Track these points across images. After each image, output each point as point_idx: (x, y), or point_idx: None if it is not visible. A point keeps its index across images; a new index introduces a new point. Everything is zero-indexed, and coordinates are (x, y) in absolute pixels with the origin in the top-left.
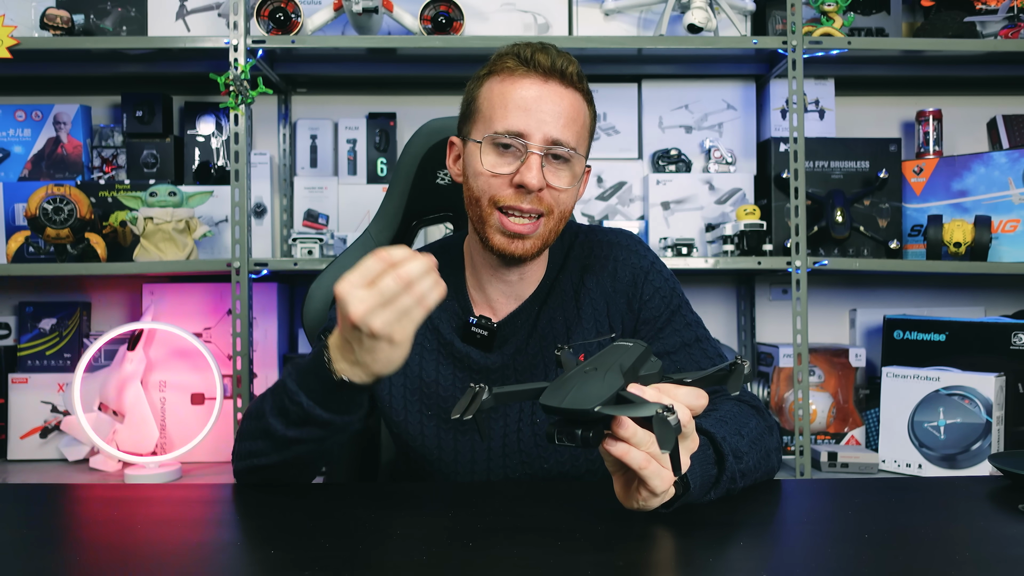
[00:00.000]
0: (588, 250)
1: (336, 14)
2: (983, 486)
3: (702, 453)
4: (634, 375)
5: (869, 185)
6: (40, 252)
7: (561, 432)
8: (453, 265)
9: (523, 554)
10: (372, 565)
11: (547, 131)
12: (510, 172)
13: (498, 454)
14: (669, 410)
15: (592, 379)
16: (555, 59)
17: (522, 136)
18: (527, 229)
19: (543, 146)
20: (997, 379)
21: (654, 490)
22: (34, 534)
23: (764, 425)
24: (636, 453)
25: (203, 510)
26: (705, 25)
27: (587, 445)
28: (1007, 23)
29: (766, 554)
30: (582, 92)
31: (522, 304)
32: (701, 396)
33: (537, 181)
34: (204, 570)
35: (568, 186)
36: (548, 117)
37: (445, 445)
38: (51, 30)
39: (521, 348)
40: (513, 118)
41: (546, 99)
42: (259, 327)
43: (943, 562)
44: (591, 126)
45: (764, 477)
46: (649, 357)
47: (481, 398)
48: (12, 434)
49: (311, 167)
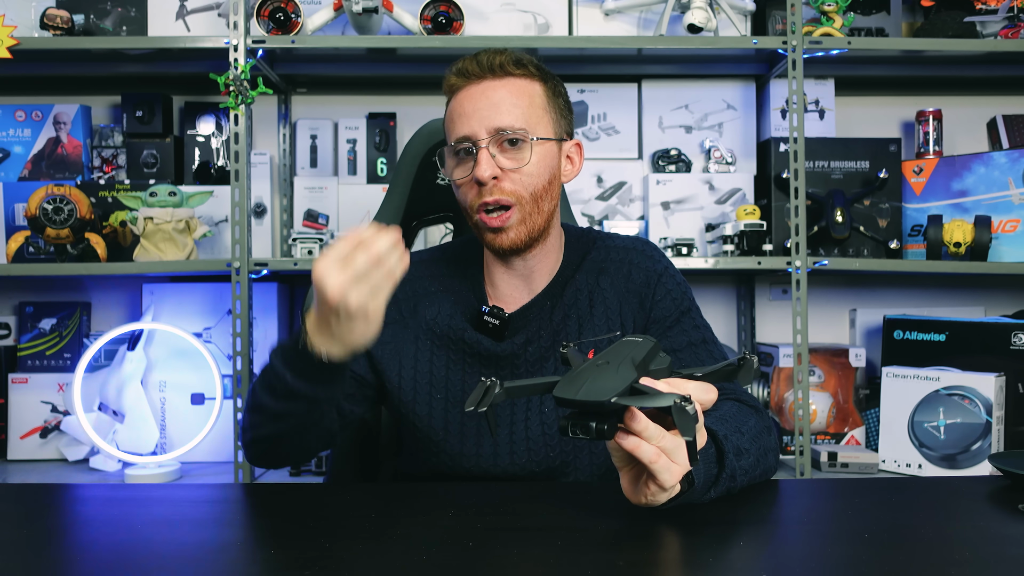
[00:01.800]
0: (605, 254)
1: (336, 14)
2: (983, 486)
3: (704, 452)
4: (645, 369)
5: (869, 185)
6: (40, 252)
7: (575, 425)
8: (472, 261)
9: (524, 553)
10: (372, 565)
11: (488, 123)
12: (469, 174)
13: (505, 441)
14: (686, 400)
15: (606, 372)
16: (482, 59)
17: (469, 138)
18: (500, 222)
19: (488, 138)
20: (997, 379)
21: (663, 484)
22: (34, 534)
23: (762, 425)
24: (647, 447)
25: (203, 510)
26: (705, 25)
27: (601, 437)
28: (1007, 23)
29: (766, 554)
30: (523, 75)
31: (534, 298)
32: (710, 390)
33: (488, 172)
34: (204, 570)
35: (523, 165)
36: (485, 112)
37: (452, 427)
38: (51, 30)
39: (532, 339)
40: (458, 126)
41: (480, 97)
42: (259, 327)
43: (943, 562)
44: (549, 101)
45: (762, 477)
46: (659, 352)
47: (493, 392)
48: (12, 434)
49: (311, 167)
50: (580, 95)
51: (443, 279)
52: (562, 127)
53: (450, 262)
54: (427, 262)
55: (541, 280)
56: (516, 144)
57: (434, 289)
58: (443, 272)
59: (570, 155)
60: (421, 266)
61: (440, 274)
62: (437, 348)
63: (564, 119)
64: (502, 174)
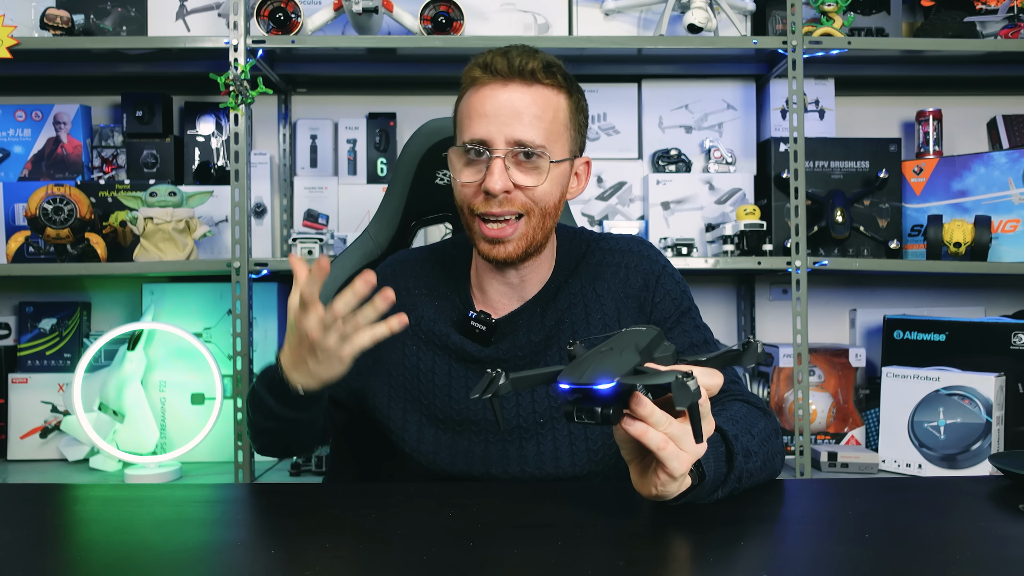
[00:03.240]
0: (600, 257)
1: (336, 14)
2: (983, 486)
3: (714, 449)
4: (649, 355)
5: (869, 185)
6: (40, 252)
7: (580, 410)
8: (460, 263)
9: (525, 552)
10: (373, 565)
11: (508, 133)
12: (478, 180)
13: (498, 454)
14: (688, 375)
15: (609, 357)
16: (514, 60)
17: (485, 143)
18: (504, 233)
19: (506, 149)
20: (997, 379)
21: (672, 472)
22: (34, 534)
23: (771, 428)
24: (654, 433)
25: (203, 510)
26: (705, 25)
27: (607, 422)
28: (1007, 23)
29: (767, 553)
30: (552, 86)
31: (524, 304)
32: (715, 375)
33: (500, 185)
34: (204, 570)
35: (537, 184)
36: (509, 119)
37: (441, 448)
38: (51, 30)
39: (521, 345)
40: (476, 126)
41: (506, 101)
42: (259, 327)
43: (944, 562)
44: (571, 117)
45: (767, 479)
46: (663, 341)
47: (498, 383)
48: (12, 434)
49: (311, 167)
50: None
51: (428, 281)
52: (577, 143)
53: (436, 263)
54: (412, 262)
55: (532, 287)
56: (531, 159)
57: (418, 292)
58: (428, 273)
59: (578, 172)
60: (406, 266)
61: (426, 275)
62: (423, 351)
63: (580, 135)
64: (513, 189)
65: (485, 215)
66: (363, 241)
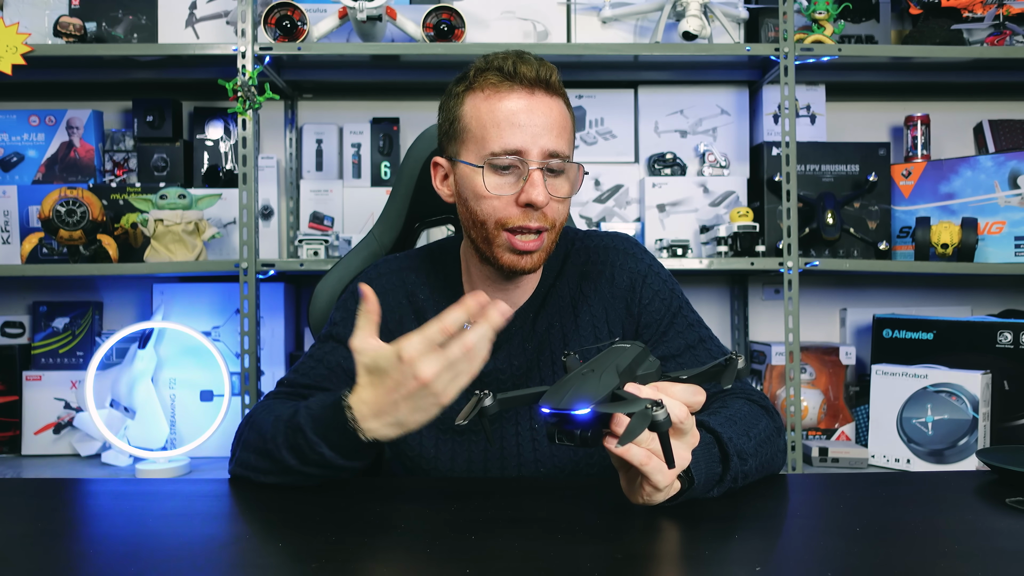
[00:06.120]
0: (585, 256)
1: (341, 22)
2: (970, 481)
3: (708, 451)
4: (631, 375)
5: (859, 188)
6: (53, 253)
7: (561, 433)
8: (450, 270)
9: (524, 546)
10: (377, 558)
11: (543, 144)
12: (514, 192)
13: (496, 459)
14: (658, 404)
15: (589, 380)
16: (538, 69)
17: (520, 153)
18: (535, 245)
19: (541, 160)
20: (983, 376)
21: (656, 485)
22: (48, 527)
23: (773, 427)
24: (636, 450)
25: (212, 504)
26: (700, 33)
27: (585, 444)
28: (993, 31)
29: (760, 547)
30: (564, 97)
31: (516, 311)
32: (698, 392)
33: (544, 197)
34: (213, 562)
35: (568, 195)
36: (541, 130)
37: (442, 452)
38: (64, 37)
39: (516, 354)
40: (508, 136)
41: (536, 112)
42: (266, 326)
43: (932, 555)
44: (573, 123)
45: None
46: (647, 357)
47: (484, 403)
48: (26, 430)
49: (317, 170)
50: (578, 100)
51: (419, 290)
52: None
53: (420, 271)
54: (401, 272)
55: (524, 293)
56: (560, 170)
57: (407, 303)
58: (416, 282)
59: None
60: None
61: (417, 284)
62: None
63: None
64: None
65: (522, 229)
66: (367, 242)
